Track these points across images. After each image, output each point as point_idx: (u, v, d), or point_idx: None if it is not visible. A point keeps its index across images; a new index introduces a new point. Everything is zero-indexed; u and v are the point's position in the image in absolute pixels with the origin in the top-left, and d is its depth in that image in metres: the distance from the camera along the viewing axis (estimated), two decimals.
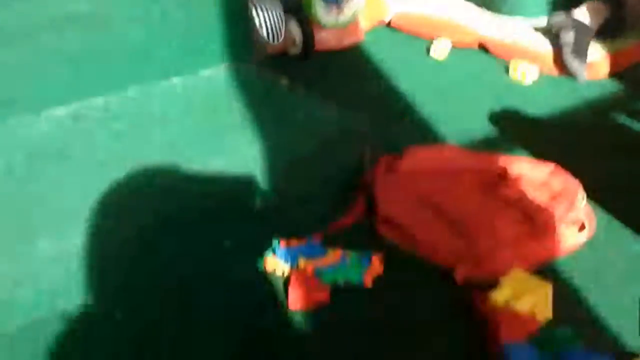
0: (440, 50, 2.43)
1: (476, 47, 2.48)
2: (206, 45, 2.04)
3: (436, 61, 2.42)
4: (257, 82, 2.03)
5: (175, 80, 1.97)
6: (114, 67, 1.89)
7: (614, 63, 2.34)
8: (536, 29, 2.48)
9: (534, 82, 2.29)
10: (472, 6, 2.66)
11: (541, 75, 2.32)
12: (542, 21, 2.51)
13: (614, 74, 2.33)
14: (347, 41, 2.49)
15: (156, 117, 1.82)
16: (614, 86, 2.28)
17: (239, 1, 2.16)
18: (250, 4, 2.27)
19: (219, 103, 1.90)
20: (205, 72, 2.02)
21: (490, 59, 2.43)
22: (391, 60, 2.42)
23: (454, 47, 2.47)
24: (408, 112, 2.12)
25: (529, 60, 2.34)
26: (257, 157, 1.73)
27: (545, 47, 2.38)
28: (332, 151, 1.83)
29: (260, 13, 2.30)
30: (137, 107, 1.85)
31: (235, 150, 1.73)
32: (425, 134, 2.02)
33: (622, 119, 2.10)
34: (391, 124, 2.06)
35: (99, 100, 1.84)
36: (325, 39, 2.45)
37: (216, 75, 2.02)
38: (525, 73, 2.30)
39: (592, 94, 2.23)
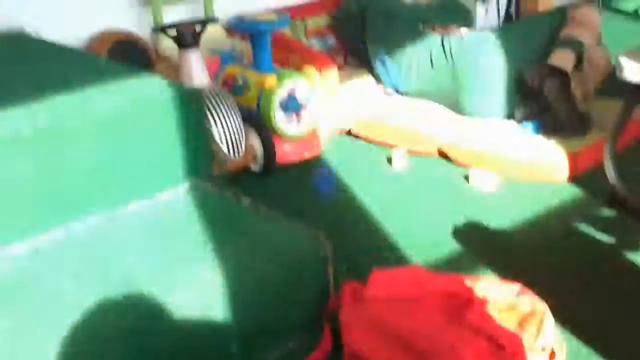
0: (400, 159, 2.44)
1: (436, 154, 2.49)
2: (165, 164, 2.00)
3: (397, 170, 2.42)
4: (218, 201, 1.99)
5: (135, 204, 1.93)
6: (73, 195, 1.84)
7: (572, 165, 2.37)
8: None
9: (495, 189, 2.30)
10: (436, 107, 2.70)
11: (502, 181, 2.33)
12: (507, 123, 2.56)
13: (573, 176, 2.35)
14: (308, 153, 2.49)
15: (116, 247, 1.77)
16: (573, 190, 2.30)
17: (198, 111, 2.14)
18: (208, 114, 2.26)
19: (179, 227, 1.86)
20: (165, 194, 1.98)
21: (450, 167, 2.44)
22: (352, 171, 2.42)
23: (414, 155, 2.48)
24: (371, 227, 2.11)
25: (489, 166, 2.36)
26: (219, 287, 1.68)
27: (505, 152, 2.40)
28: (297, 275, 1.80)
29: (219, 124, 2.29)
30: (96, 237, 1.79)
31: (196, 281, 1.69)
32: (388, 250, 2.01)
33: (584, 226, 2.11)
34: (355, 243, 2.04)
35: (58, 233, 1.80)
36: (286, 153, 2.44)
37: (176, 196, 1.98)
38: (487, 180, 2.31)
39: (553, 199, 2.24)
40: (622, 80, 2.07)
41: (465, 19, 3.00)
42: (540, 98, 2.51)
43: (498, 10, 3.31)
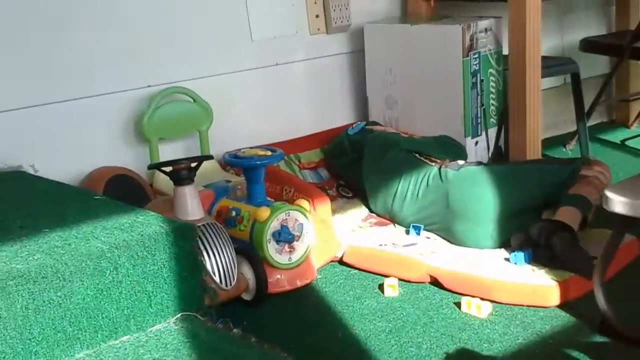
0: (392, 286, 2.46)
1: (428, 281, 2.52)
2: (157, 298, 2.03)
3: (389, 298, 2.44)
4: (209, 334, 2.00)
5: (124, 339, 1.94)
6: (65, 330, 1.86)
7: (564, 292, 2.39)
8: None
9: (488, 316, 2.31)
10: (429, 236, 2.76)
11: (493, 307, 2.34)
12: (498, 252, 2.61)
13: (564, 302, 2.37)
14: (301, 282, 2.52)
15: None
16: (564, 317, 2.30)
17: (192, 246, 2.18)
18: (201, 247, 2.30)
19: None
20: (155, 327, 2.00)
21: (442, 294, 2.45)
22: (344, 301, 2.44)
23: (406, 282, 2.51)
24: (363, 357, 2.10)
25: (481, 293, 2.38)
26: None
27: (496, 279, 2.42)
28: None
29: (212, 256, 2.33)
30: None
31: None
32: None
33: (575, 353, 2.11)
34: None
35: None
36: (279, 282, 2.47)
37: (166, 330, 1.99)
38: (479, 307, 2.33)
39: (544, 326, 2.25)
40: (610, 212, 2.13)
41: (459, 153, 3.09)
42: (547, 251, 2.54)
43: (487, 143, 3.41)
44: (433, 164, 2.91)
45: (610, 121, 4.31)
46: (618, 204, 2.11)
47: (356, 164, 3.08)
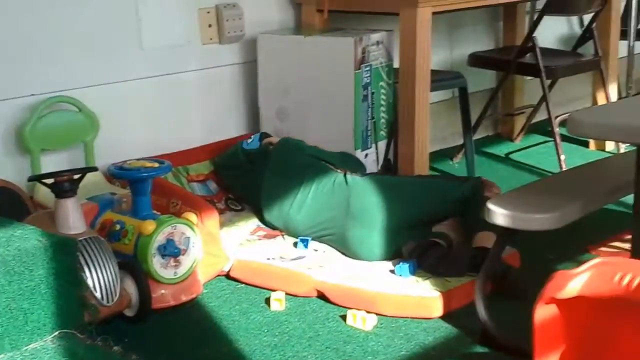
0: (278, 300, 2.46)
1: (315, 295, 2.53)
2: (34, 315, 1.96)
3: (275, 312, 2.44)
4: (87, 352, 1.95)
5: (1, 357, 1.88)
6: None
7: (446, 303, 2.44)
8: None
9: (373, 328, 2.33)
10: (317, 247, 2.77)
11: (378, 320, 2.37)
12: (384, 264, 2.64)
13: (447, 313, 2.42)
14: (186, 297, 2.48)
15: None
16: (446, 328, 2.35)
17: (71, 261, 2.12)
18: (82, 262, 2.24)
19: None
20: (31, 346, 1.93)
21: (329, 307, 2.47)
22: (230, 315, 2.43)
23: (293, 296, 2.51)
24: None
25: (366, 305, 2.40)
26: None
27: (381, 291, 2.45)
28: None
29: (93, 271, 2.27)
30: None
31: None
32: None
33: None
34: None
35: None
36: (163, 297, 2.43)
37: (42, 348, 1.93)
38: (364, 319, 2.35)
39: (427, 337, 2.29)
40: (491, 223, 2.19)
41: (359, 167, 3.12)
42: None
43: (377, 156, 3.46)
44: (339, 171, 2.95)
45: (496, 134, 4.43)
46: (499, 216, 2.18)
47: (250, 175, 3.07)
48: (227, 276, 2.68)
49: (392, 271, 2.60)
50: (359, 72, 3.30)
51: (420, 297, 2.45)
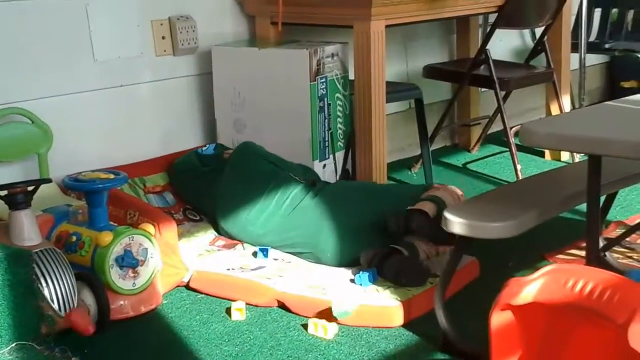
0: (239, 310, 2.44)
1: (276, 305, 2.51)
2: None
3: (236, 322, 2.42)
4: None
5: None
6: None
7: (407, 311, 2.44)
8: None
9: (335, 337, 2.32)
10: (276, 258, 2.77)
11: (339, 329, 2.36)
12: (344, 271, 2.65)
13: (408, 322, 2.42)
14: (145, 307, 2.45)
15: None
16: (407, 336, 2.35)
17: (26, 272, 2.08)
18: (38, 273, 2.19)
19: None
20: None
21: (290, 316, 2.45)
22: (191, 326, 2.40)
23: (253, 306, 2.49)
24: None
25: (328, 315, 2.39)
26: None
27: (341, 300, 2.44)
28: None
29: (50, 283, 2.22)
30: None
31: None
32: None
33: None
34: None
35: None
36: (122, 308, 2.39)
37: (1, 359, 1.90)
38: (326, 328, 2.34)
39: (388, 345, 2.29)
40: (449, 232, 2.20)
41: (317, 179, 3.13)
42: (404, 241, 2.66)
43: (335, 166, 3.47)
44: (298, 179, 2.95)
45: (453, 145, 4.47)
46: (456, 224, 2.19)
47: (204, 179, 3.05)
48: (187, 287, 2.65)
49: (352, 280, 2.60)
50: (314, 84, 3.31)
51: (380, 306, 2.44)
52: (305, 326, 2.37)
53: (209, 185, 3.02)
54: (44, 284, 2.21)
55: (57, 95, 3.11)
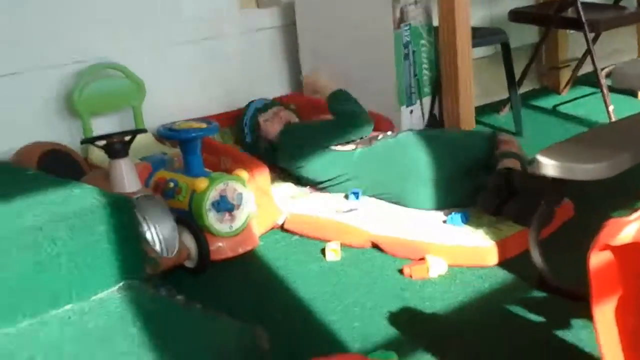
0: (334, 250, 2.47)
1: (369, 246, 2.54)
2: (97, 268, 1.99)
3: (331, 262, 2.46)
4: (152, 301, 1.98)
5: (68, 307, 1.91)
6: (3, 300, 1.83)
7: (501, 251, 2.43)
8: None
9: (428, 276, 2.34)
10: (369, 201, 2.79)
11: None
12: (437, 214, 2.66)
13: (502, 261, 2.41)
14: (243, 249, 2.51)
15: (49, 352, 1.75)
16: (503, 275, 2.35)
17: (129, 217, 2.15)
18: (140, 218, 2.27)
19: (113, 329, 1.84)
20: (98, 295, 1.97)
21: (384, 257, 2.48)
22: (287, 266, 2.45)
23: (348, 247, 2.52)
24: (308, 319, 2.12)
25: (421, 255, 2.41)
26: None
27: (436, 241, 2.46)
28: None
29: (152, 227, 2.30)
30: (29, 341, 1.77)
31: None
32: (326, 340, 2.02)
33: (515, 308, 2.16)
34: (293, 335, 2.04)
35: None
36: (221, 249, 2.46)
37: (109, 297, 1.97)
38: (420, 268, 2.35)
39: (483, 284, 2.29)
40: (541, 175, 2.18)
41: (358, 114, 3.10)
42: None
43: (422, 112, 3.45)
44: (352, 146, 2.92)
45: (542, 88, 4.38)
46: (550, 167, 2.16)
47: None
48: (282, 229, 2.70)
49: (444, 221, 2.60)
50: (398, 32, 3.29)
51: (474, 246, 2.44)
52: (399, 269, 2.38)
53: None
54: (145, 228, 2.28)
55: (149, 50, 3.18)
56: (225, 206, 2.48)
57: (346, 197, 2.82)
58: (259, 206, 2.60)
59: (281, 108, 3.21)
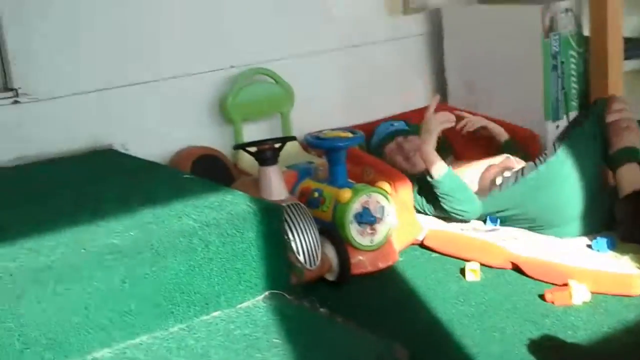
0: (473, 271, 2.47)
1: (509, 267, 2.52)
2: (245, 275, 2.07)
3: (471, 283, 2.45)
4: (296, 312, 2.04)
5: (216, 314, 2.00)
6: (157, 304, 1.92)
7: None
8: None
9: (572, 303, 2.29)
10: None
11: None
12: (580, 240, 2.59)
13: None
14: (383, 264, 2.54)
15: (198, 358, 1.84)
16: None
17: (278, 225, 2.22)
18: (286, 228, 2.33)
19: (259, 339, 1.90)
20: (244, 304, 2.05)
21: (524, 280, 2.45)
22: (426, 284, 2.46)
23: (487, 267, 2.51)
24: (445, 338, 2.13)
25: (563, 281, 2.36)
26: None
27: (581, 266, 2.40)
28: None
29: (297, 237, 2.36)
30: (179, 346, 1.86)
31: None
32: None
33: None
34: (430, 353, 2.06)
35: (143, 339, 1.88)
36: (361, 263, 2.50)
37: (255, 307, 2.04)
38: (564, 294, 2.30)
39: (629, 315, 2.21)
40: None
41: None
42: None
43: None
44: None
45: None
46: None
47: None
48: (421, 245, 2.71)
49: (589, 246, 2.54)
50: (547, 41, 3.23)
51: (619, 274, 2.37)
52: (540, 294, 2.35)
53: None
54: (291, 237, 2.35)
55: (297, 55, 3.26)
56: (367, 219, 2.51)
57: (484, 220, 2.81)
58: (400, 220, 2.62)
59: (405, 139, 3.16)
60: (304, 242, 2.35)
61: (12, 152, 2.64)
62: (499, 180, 2.80)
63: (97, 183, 2.41)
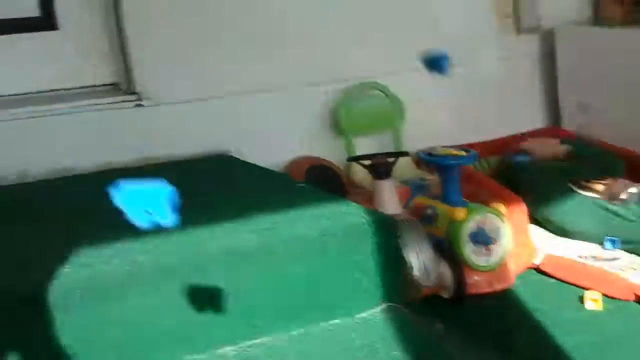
0: (594, 300, 2.37)
1: (632, 299, 2.42)
2: (363, 286, 2.05)
3: (591, 312, 2.37)
4: (413, 326, 2.00)
5: (334, 322, 1.98)
6: (279, 309, 1.92)
7: None
8: None
9: None
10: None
11: None
12: None
13: None
14: (499, 285, 2.47)
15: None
16: None
17: (394, 242, 2.20)
18: (404, 245, 2.30)
19: (377, 349, 1.88)
20: (362, 314, 2.02)
21: None
22: (542, 309, 2.37)
23: (608, 297, 2.42)
24: None
25: None
26: None
27: None
28: None
29: (412, 251, 2.32)
30: (298, 350, 1.86)
31: None
32: None
33: None
34: None
35: (264, 340, 1.88)
36: (477, 283, 2.43)
37: (372, 317, 2.01)
38: None
39: None
40: None
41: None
42: None
43: None
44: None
45: None
46: None
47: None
48: (537, 269, 2.64)
49: None
50: None
51: None
52: None
53: None
54: (405, 252, 2.31)
55: (407, 70, 3.23)
56: (483, 239, 2.45)
57: (602, 245, 2.72)
58: (515, 243, 2.55)
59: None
60: (419, 258, 2.31)
61: (134, 152, 2.69)
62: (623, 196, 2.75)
63: (214, 188, 2.44)
